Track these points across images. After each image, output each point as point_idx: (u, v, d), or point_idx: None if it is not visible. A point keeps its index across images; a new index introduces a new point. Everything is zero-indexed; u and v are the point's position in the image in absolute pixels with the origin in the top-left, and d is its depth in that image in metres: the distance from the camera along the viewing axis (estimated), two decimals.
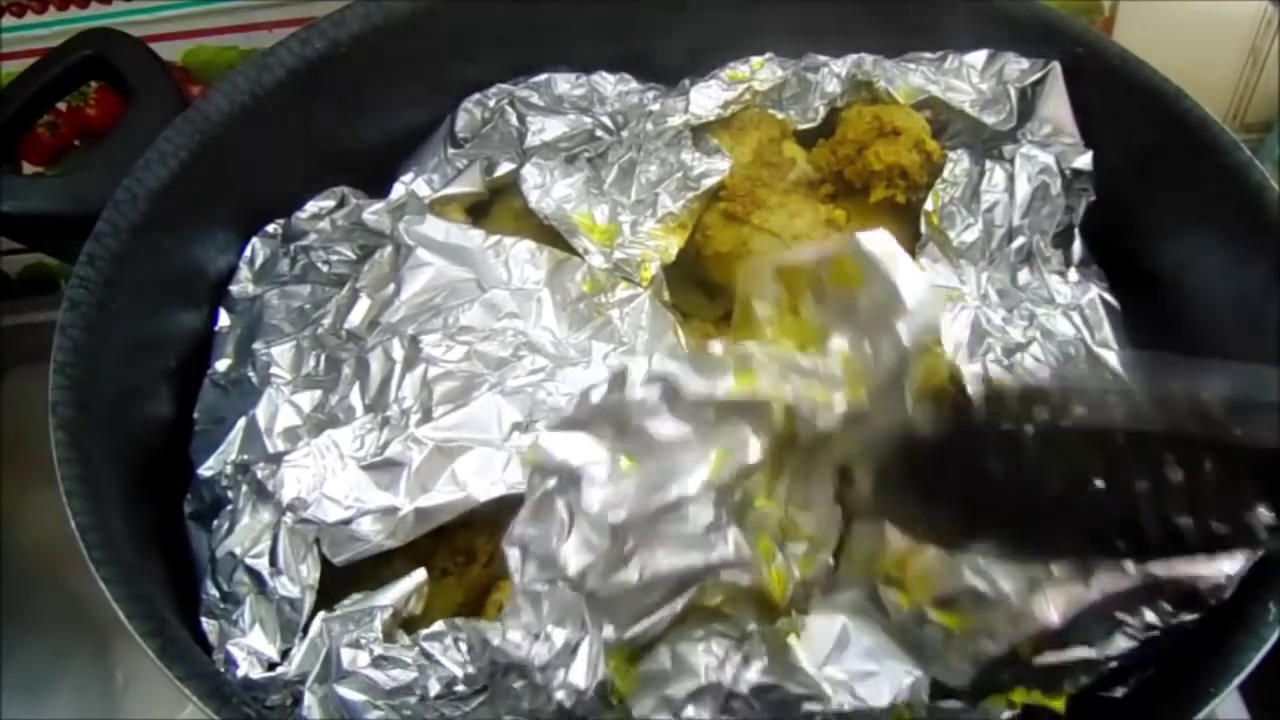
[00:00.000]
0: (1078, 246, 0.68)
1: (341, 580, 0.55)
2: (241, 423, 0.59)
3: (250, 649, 0.53)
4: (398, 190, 0.68)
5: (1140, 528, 0.42)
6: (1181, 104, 0.66)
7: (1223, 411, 0.42)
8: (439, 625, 0.52)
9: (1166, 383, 0.44)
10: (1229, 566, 0.52)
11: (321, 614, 0.53)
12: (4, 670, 0.74)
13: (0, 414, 0.82)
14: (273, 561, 0.54)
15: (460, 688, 0.50)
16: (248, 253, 0.67)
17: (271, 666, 0.52)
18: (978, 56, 0.71)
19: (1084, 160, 0.68)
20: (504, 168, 0.68)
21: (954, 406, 0.48)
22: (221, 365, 0.63)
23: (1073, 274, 0.68)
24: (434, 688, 0.50)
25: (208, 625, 0.55)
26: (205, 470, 0.58)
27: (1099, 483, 0.43)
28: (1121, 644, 0.52)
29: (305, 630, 0.53)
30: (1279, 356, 0.60)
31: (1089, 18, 0.84)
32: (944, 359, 0.50)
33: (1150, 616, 0.52)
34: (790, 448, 0.50)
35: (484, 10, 0.71)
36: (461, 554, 0.56)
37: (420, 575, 0.54)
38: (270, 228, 0.67)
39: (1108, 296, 0.67)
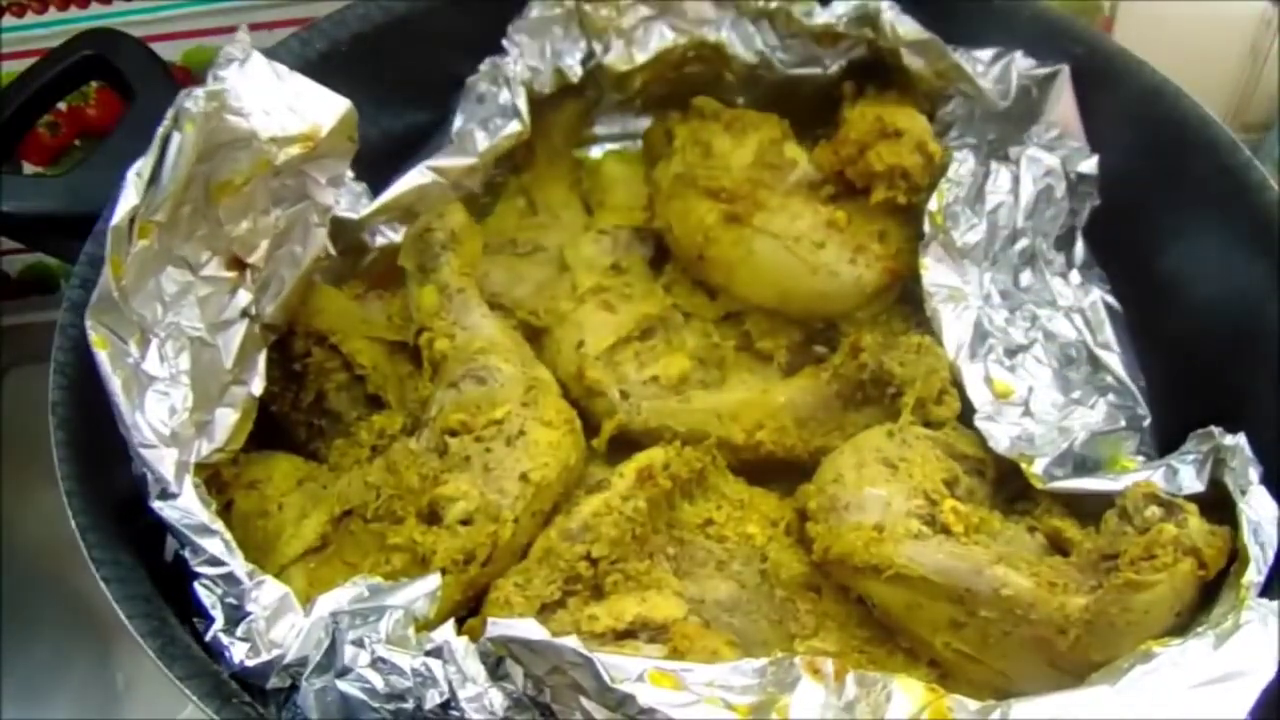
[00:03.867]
0: (1080, 249, 0.68)
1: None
2: None
3: (246, 634, 0.52)
4: None
5: None
6: (1182, 104, 0.66)
7: None
8: (442, 634, 0.50)
9: None
10: None
11: (330, 604, 0.52)
12: (4, 671, 0.74)
13: (0, 414, 0.82)
14: None
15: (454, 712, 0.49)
16: None
17: (269, 651, 0.51)
18: (985, 53, 0.70)
19: (1089, 164, 0.68)
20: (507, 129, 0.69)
21: None
22: None
23: (1075, 276, 0.68)
24: (432, 699, 0.49)
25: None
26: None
27: None
28: None
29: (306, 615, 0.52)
30: (1279, 356, 0.60)
31: (1089, 18, 0.84)
32: None
33: None
34: None
35: (484, 10, 0.71)
36: (460, 553, 0.56)
37: (434, 580, 0.53)
38: None
39: (1109, 299, 0.67)
